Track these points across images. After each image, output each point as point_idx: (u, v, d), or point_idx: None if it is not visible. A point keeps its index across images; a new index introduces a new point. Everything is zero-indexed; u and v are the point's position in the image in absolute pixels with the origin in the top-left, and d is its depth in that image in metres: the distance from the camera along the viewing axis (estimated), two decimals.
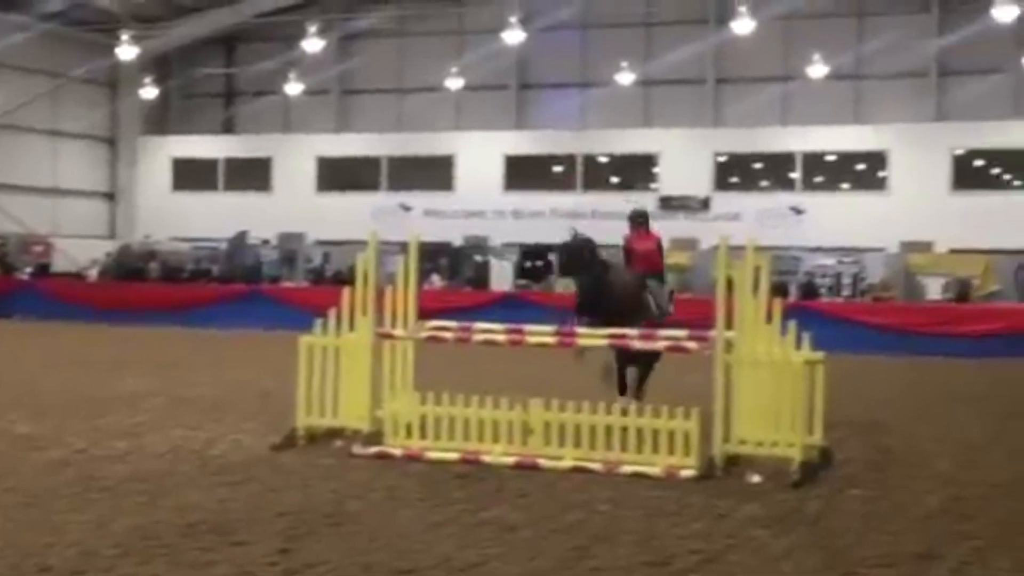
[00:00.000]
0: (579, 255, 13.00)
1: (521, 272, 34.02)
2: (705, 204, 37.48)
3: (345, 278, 25.69)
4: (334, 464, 10.33)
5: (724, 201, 37.39)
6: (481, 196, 39.66)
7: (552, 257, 34.30)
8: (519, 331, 11.26)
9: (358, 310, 11.29)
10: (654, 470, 10.03)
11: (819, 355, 10.56)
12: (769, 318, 10.37)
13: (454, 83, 40.61)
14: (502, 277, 33.20)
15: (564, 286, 31.84)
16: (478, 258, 35.92)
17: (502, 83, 40.99)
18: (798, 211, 37.02)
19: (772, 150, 38.45)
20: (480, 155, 40.25)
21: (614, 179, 40.52)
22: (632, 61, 38.91)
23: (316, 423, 11.33)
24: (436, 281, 32.98)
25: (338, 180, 41.89)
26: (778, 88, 38.61)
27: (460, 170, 40.55)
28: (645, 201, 37.88)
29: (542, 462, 10.33)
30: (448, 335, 11.52)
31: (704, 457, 10.09)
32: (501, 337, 11.27)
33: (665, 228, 38.78)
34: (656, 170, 39.07)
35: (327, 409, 11.27)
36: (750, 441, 10.19)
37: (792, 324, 10.39)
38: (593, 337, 11.31)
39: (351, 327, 11.33)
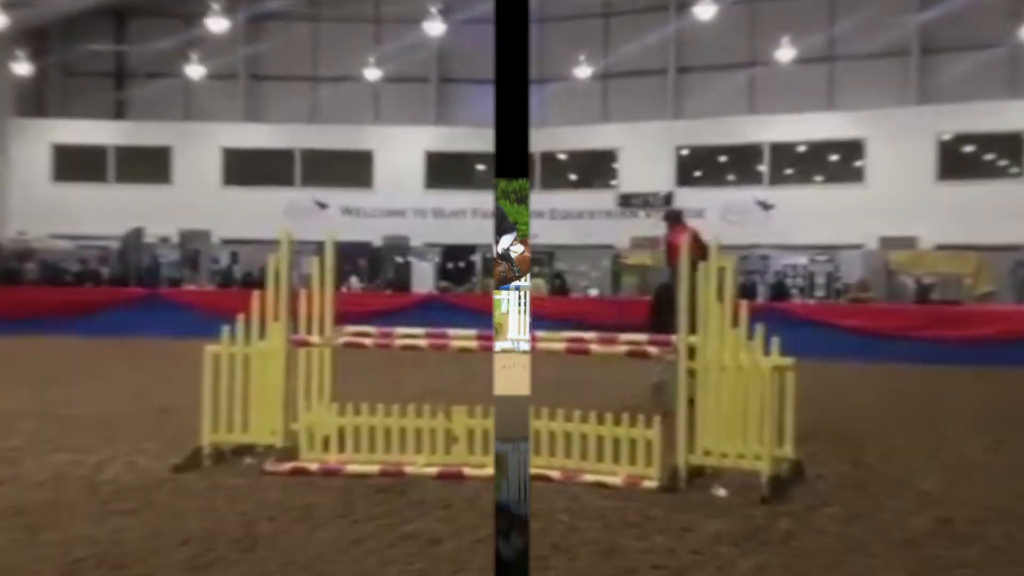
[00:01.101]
0: (668, 297, 15.05)
1: (443, 274, 34.29)
2: (667, 200, 37.77)
3: (255, 280, 25.74)
4: (244, 484, 10.30)
5: (687, 197, 37.72)
6: (401, 194, 39.77)
7: (475, 258, 34.57)
8: (442, 335, 11.41)
9: (270, 315, 11.28)
10: (614, 480, 10.24)
11: (789, 361, 10.67)
12: (735, 321, 10.48)
13: (372, 73, 40.69)
14: (423, 279, 33.50)
15: (536, 287, 32.17)
16: (399, 259, 36.14)
17: (422, 75, 41.14)
18: (766, 206, 37.43)
19: (738, 141, 38.86)
20: (401, 151, 40.37)
21: (573, 176, 40.87)
22: (589, 54, 39.24)
23: (224, 439, 11.29)
24: (355, 283, 33.35)
25: (247, 174, 41.75)
26: (744, 75, 39.07)
27: (379, 166, 40.61)
28: (604, 199, 38.65)
29: (467, 471, 10.57)
30: (368, 341, 11.61)
31: (667, 468, 10.25)
32: (423, 342, 11.41)
33: (626, 227, 39.12)
34: (616, 166, 39.34)
35: (236, 424, 11.25)
36: (715, 452, 10.34)
37: (760, 328, 10.51)
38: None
39: (262, 334, 11.32)
